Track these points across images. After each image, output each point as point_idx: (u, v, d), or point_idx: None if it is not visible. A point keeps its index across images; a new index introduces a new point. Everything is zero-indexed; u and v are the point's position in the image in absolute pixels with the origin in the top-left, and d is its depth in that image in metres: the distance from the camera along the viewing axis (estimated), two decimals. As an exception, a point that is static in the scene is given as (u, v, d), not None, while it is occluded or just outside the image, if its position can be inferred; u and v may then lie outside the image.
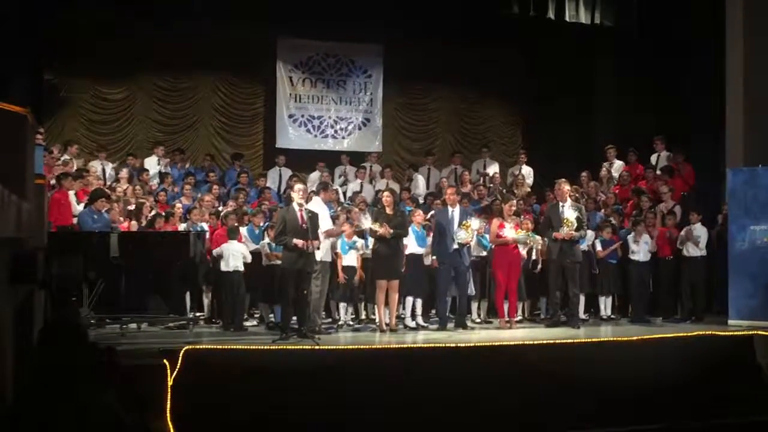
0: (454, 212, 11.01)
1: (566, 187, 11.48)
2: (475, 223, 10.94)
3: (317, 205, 10.55)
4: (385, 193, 11.13)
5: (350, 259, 11.19)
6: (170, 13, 14.58)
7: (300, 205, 9.84)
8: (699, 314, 11.79)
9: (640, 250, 11.91)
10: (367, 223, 10.75)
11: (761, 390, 9.65)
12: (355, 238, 11.29)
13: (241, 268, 10.72)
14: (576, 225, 11.11)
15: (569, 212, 11.16)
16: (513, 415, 8.51)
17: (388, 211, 10.74)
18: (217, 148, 15.94)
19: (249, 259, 10.81)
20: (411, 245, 11.22)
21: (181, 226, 11.36)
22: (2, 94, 9.48)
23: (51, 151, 13.05)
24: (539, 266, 11.85)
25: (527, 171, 15.41)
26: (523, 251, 11.50)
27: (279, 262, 10.38)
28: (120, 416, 4.14)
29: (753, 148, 12.56)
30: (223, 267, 10.75)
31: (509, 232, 11.18)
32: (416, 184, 15.16)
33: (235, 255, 10.72)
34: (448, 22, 15.56)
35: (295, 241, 9.65)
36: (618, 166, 14.55)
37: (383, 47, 16.59)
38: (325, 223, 10.42)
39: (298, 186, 10.20)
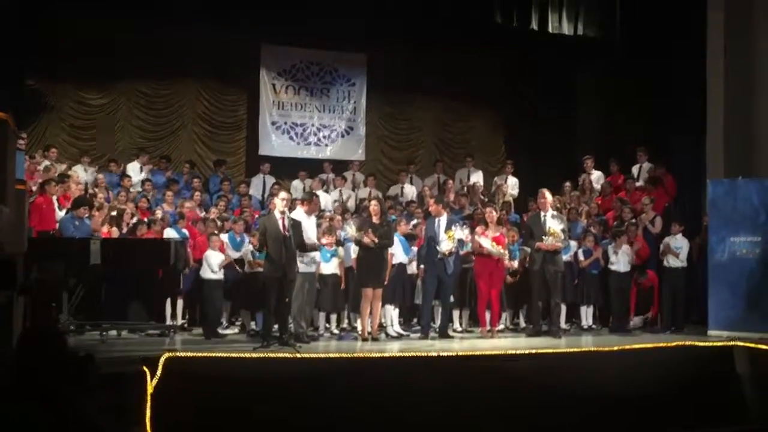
0: (441, 221, 11.01)
1: (549, 197, 11.52)
2: (459, 232, 10.92)
3: (299, 215, 10.54)
4: (373, 202, 11.13)
5: (331, 266, 11.16)
6: (153, 20, 14.54)
7: (282, 213, 9.81)
8: (679, 324, 11.85)
9: (620, 260, 11.97)
10: (350, 231, 10.75)
11: (741, 400, 9.70)
12: (335, 246, 11.28)
13: (215, 276, 10.68)
14: (562, 236, 11.17)
15: (554, 223, 11.18)
16: (494, 424, 8.51)
17: (375, 220, 10.72)
18: (200, 155, 15.88)
19: (215, 268, 10.78)
20: (398, 255, 11.25)
21: (168, 231, 11.31)
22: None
23: (33, 157, 12.97)
24: (514, 277, 11.85)
25: (513, 181, 15.42)
26: (507, 261, 11.51)
27: (261, 269, 10.36)
28: (99, 424, 4.10)
29: (733, 159, 12.65)
30: (203, 274, 10.74)
31: (485, 241, 11.18)
32: (406, 192, 15.11)
33: (210, 263, 10.72)
34: (431, 31, 15.60)
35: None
36: (597, 176, 14.62)
37: (367, 56, 16.61)
38: (311, 233, 10.42)
39: (282, 194, 10.19)
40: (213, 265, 10.78)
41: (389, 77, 16.81)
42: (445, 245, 10.78)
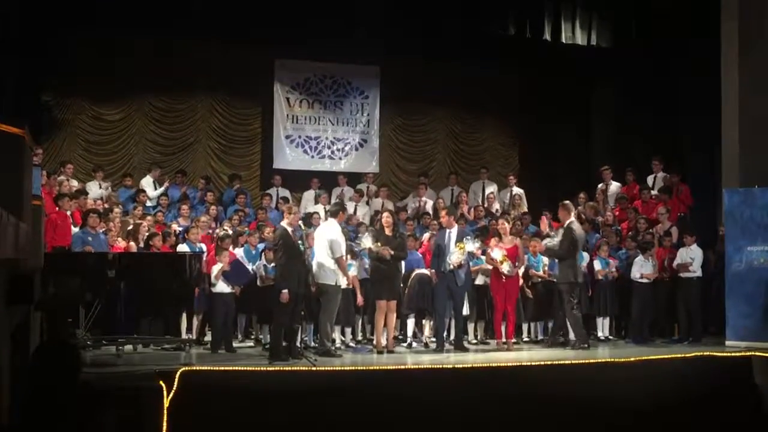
0: (451, 233, 10.98)
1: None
2: (469, 245, 10.86)
3: (332, 227, 10.48)
4: (385, 215, 11.12)
5: (344, 280, 11.09)
6: (168, 35, 14.64)
7: (290, 225, 9.95)
8: (696, 335, 11.77)
9: (645, 272, 11.92)
10: (367, 243, 10.72)
11: (759, 411, 9.62)
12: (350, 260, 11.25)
13: (222, 289, 10.64)
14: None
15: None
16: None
17: (387, 232, 10.72)
18: (215, 169, 15.95)
19: (213, 279, 10.65)
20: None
21: (181, 247, 11.32)
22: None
23: (52, 173, 13.03)
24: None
25: (518, 192, 15.35)
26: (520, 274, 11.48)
27: (274, 283, 10.33)
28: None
29: (749, 168, 12.59)
30: (212, 288, 10.74)
31: (497, 253, 11.11)
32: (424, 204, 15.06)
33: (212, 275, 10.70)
34: (444, 43, 15.62)
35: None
36: (615, 187, 14.56)
37: (380, 68, 16.65)
38: (338, 246, 10.33)
39: (295, 209, 10.28)
40: (212, 276, 10.70)
41: (402, 89, 16.86)
42: (455, 257, 10.72)
